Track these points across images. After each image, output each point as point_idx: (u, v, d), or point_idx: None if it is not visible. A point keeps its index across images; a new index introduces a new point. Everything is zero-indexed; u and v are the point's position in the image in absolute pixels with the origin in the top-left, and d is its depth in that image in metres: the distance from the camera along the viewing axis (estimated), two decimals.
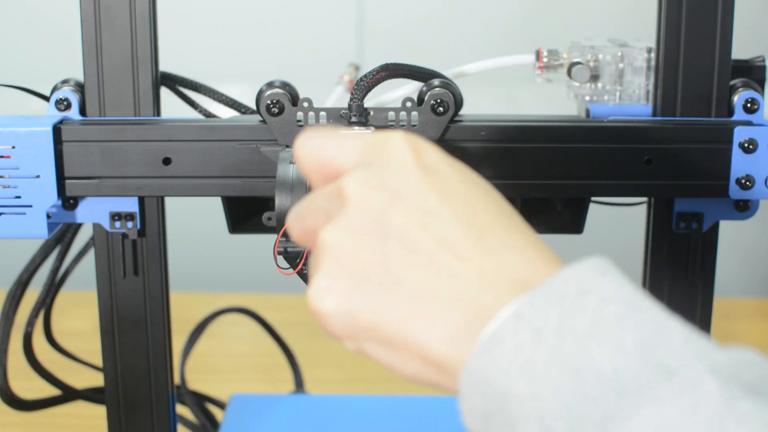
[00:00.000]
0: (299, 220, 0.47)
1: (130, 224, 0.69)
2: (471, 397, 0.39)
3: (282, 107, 0.65)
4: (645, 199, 0.71)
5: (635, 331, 0.37)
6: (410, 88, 0.73)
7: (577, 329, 0.38)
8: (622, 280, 0.40)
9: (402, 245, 0.41)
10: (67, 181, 0.66)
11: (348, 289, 0.42)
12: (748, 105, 0.67)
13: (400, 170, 0.43)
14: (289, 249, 0.59)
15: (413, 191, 0.42)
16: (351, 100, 0.64)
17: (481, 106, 0.76)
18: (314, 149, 0.46)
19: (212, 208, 0.76)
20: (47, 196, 0.65)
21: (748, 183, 0.65)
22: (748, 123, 0.66)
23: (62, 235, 0.74)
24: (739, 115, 0.67)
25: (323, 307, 0.42)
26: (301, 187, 0.58)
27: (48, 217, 0.66)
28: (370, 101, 0.67)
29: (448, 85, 0.65)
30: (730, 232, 0.82)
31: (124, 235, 0.70)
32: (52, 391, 0.79)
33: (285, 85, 0.66)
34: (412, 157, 0.43)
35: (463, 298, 0.40)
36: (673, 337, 0.37)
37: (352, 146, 0.45)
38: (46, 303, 0.76)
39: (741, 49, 0.69)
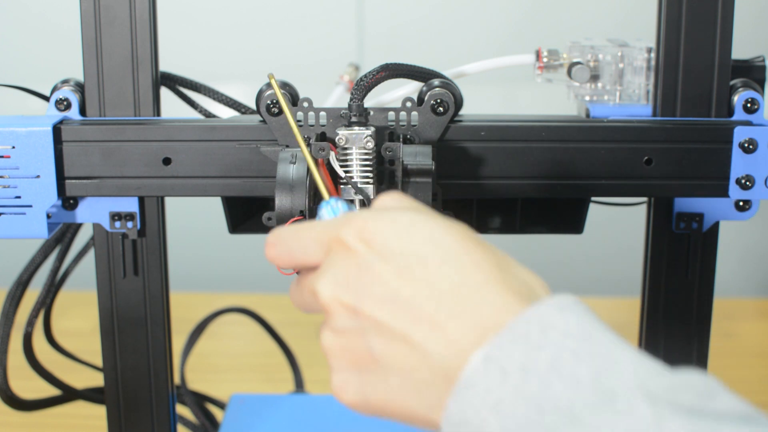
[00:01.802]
0: (296, 302, 0.54)
1: (130, 224, 0.69)
2: None
3: (282, 107, 0.65)
4: (645, 199, 0.71)
5: (590, 363, 0.41)
6: (410, 88, 0.73)
7: (539, 366, 0.42)
8: (582, 314, 0.44)
9: (379, 334, 0.47)
10: (67, 181, 0.66)
11: (356, 381, 0.48)
12: (748, 105, 0.67)
13: (358, 265, 0.48)
14: None
15: (373, 282, 0.47)
16: (351, 100, 0.63)
17: (481, 106, 0.76)
18: (282, 259, 0.52)
19: (212, 208, 0.76)
20: (47, 196, 0.65)
21: (748, 183, 0.65)
22: (748, 123, 0.66)
23: (62, 235, 0.74)
24: (739, 115, 0.67)
25: (345, 400, 0.49)
26: (301, 187, 0.58)
27: (48, 217, 0.66)
28: (370, 101, 0.67)
29: (448, 85, 0.65)
30: (730, 232, 0.82)
31: (124, 235, 0.70)
32: (52, 391, 0.79)
33: (285, 85, 0.66)
34: (365, 249, 0.48)
35: (438, 371, 0.45)
36: (624, 366, 0.41)
37: (312, 246, 0.51)
38: (46, 303, 0.76)
39: (741, 49, 0.69)
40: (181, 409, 0.85)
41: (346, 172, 0.61)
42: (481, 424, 0.42)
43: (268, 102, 0.65)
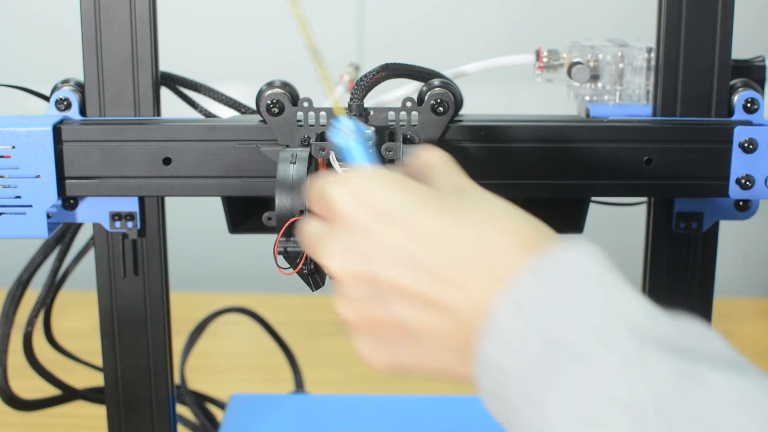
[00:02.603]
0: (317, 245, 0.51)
1: (130, 224, 0.69)
2: (482, 378, 0.44)
3: (282, 107, 0.65)
4: (645, 199, 0.71)
5: (595, 304, 0.42)
6: (410, 88, 0.73)
7: (552, 304, 0.42)
8: (596, 257, 0.45)
9: (399, 298, 0.46)
10: (67, 181, 0.66)
11: (385, 349, 0.48)
12: (748, 105, 0.67)
13: (364, 231, 0.47)
14: (289, 249, 0.59)
15: (383, 244, 0.46)
16: (351, 100, 0.63)
17: (481, 106, 0.76)
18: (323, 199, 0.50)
19: (212, 208, 0.76)
20: (47, 196, 0.65)
21: (748, 183, 0.65)
22: (748, 123, 0.66)
23: (62, 235, 0.74)
24: (739, 115, 0.67)
25: (376, 366, 0.48)
26: (301, 187, 0.58)
27: (48, 217, 0.66)
28: (370, 101, 0.67)
29: (448, 85, 0.65)
30: (730, 232, 0.82)
31: (124, 235, 0.70)
32: (52, 391, 0.79)
33: (285, 85, 0.66)
34: (366, 212, 0.47)
35: (464, 327, 0.45)
36: (625, 307, 0.42)
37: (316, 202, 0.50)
38: (46, 303, 0.76)
39: (741, 49, 0.69)
40: (181, 409, 0.85)
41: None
42: (505, 363, 0.43)
43: (268, 102, 0.65)
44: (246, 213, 0.70)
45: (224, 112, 0.73)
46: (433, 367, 0.47)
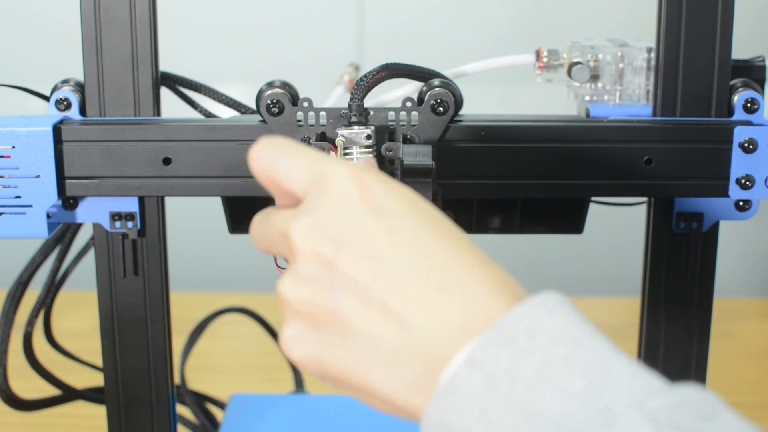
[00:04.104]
0: (257, 241, 0.49)
1: (130, 224, 0.69)
2: None
3: (282, 107, 0.65)
4: (645, 199, 0.71)
5: (582, 374, 0.38)
6: (410, 88, 0.73)
7: (527, 373, 0.39)
8: (571, 316, 0.41)
9: (351, 295, 0.42)
10: (67, 181, 0.66)
11: (312, 338, 0.43)
12: (748, 105, 0.67)
13: (346, 213, 0.43)
14: None
15: (359, 236, 0.43)
16: (351, 100, 0.64)
17: (481, 106, 0.76)
18: (265, 167, 0.47)
19: (212, 208, 0.76)
20: (47, 196, 0.65)
21: (748, 183, 0.65)
22: (748, 123, 0.66)
23: (62, 235, 0.74)
24: (739, 115, 0.67)
25: (294, 355, 0.44)
26: None
27: (48, 217, 0.66)
28: (370, 101, 0.67)
29: (448, 85, 0.65)
30: (730, 232, 0.82)
31: (124, 235, 0.70)
32: (52, 391, 0.79)
33: (285, 85, 0.66)
34: (358, 196, 0.44)
35: (416, 346, 0.41)
36: (619, 379, 0.38)
37: (299, 173, 0.46)
38: (46, 303, 0.76)
39: (741, 49, 0.69)
40: (181, 409, 0.85)
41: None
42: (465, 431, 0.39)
43: (268, 102, 0.65)
44: (246, 213, 0.70)
45: (224, 112, 0.73)
46: (360, 379, 0.42)
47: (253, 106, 0.67)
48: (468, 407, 0.39)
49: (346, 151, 0.62)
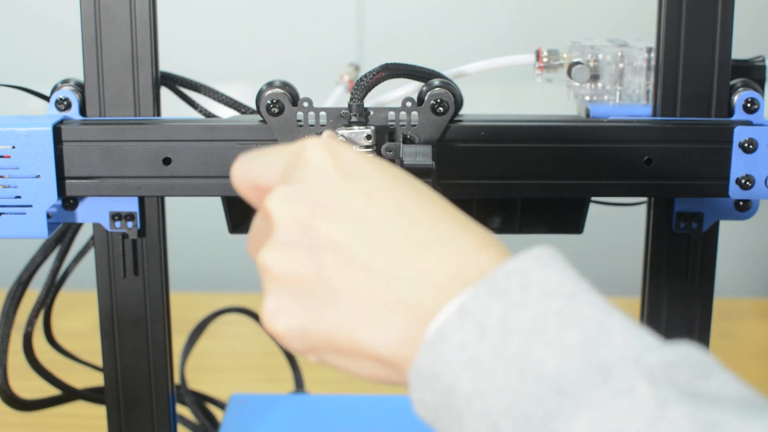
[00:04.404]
0: (250, 242, 0.48)
1: (130, 224, 0.69)
2: (421, 391, 0.40)
3: (282, 107, 0.65)
4: (645, 199, 0.71)
5: (577, 328, 0.38)
6: (410, 88, 0.73)
7: (521, 325, 0.38)
8: (566, 271, 0.40)
9: (334, 255, 0.42)
10: (67, 181, 0.66)
11: (294, 307, 0.42)
12: (748, 105, 0.67)
13: (320, 179, 0.43)
14: None
15: (336, 198, 0.42)
16: (351, 100, 0.64)
17: (481, 106, 0.76)
18: (243, 173, 0.47)
19: (212, 208, 0.76)
20: (47, 196, 0.65)
21: (748, 183, 0.65)
22: (748, 123, 0.66)
23: (62, 235, 0.74)
24: (739, 115, 0.67)
25: (277, 327, 0.43)
26: None
27: (48, 217, 0.66)
28: (370, 101, 0.67)
29: (448, 85, 0.65)
30: (730, 232, 0.82)
31: (124, 235, 0.70)
32: (52, 391, 0.79)
33: (285, 85, 0.66)
34: (330, 163, 0.43)
35: (404, 299, 0.41)
36: (614, 334, 0.38)
37: (274, 161, 0.46)
38: (46, 303, 0.76)
39: (741, 49, 0.69)
40: (181, 409, 0.85)
41: None
42: (453, 382, 0.38)
43: (268, 102, 0.65)
44: (246, 213, 0.70)
45: (224, 112, 0.73)
46: (347, 339, 0.41)
47: (253, 106, 0.67)
48: (456, 356, 0.39)
49: None
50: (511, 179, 0.66)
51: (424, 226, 0.42)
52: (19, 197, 0.65)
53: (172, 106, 0.75)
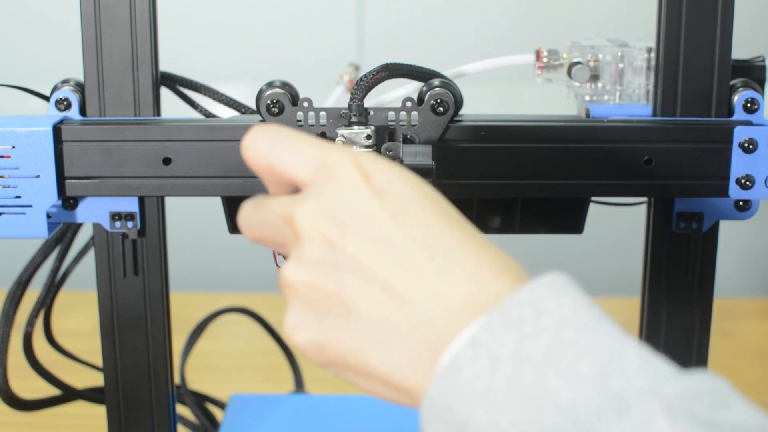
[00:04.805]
0: (251, 228, 0.48)
1: (130, 224, 0.69)
2: (433, 423, 0.40)
3: (282, 107, 0.65)
4: (645, 199, 0.71)
5: (591, 358, 0.38)
6: (410, 88, 0.73)
7: (534, 356, 0.38)
8: (578, 298, 0.40)
9: (356, 276, 0.42)
10: (67, 181, 0.66)
11: (314, 323, 0.43)
12: (748, 105, 0.67)
13: (350, 197, 0.43)
14: None
15: (363, 219, 0.43)
16: (351, 100, 0.64)
17: (481, 106, 0.76)
18: (264, 150, 0.46)
19: (212, 208, 0.76)
20: (47, 196, 0.65)
21: (748, 183, 0.65)
22: (748, 123, 0.66)
23: (62, 235, 0.74)
24: (739, 115, 0.67)
25: (297, 341, 0.44)
26: None
27: (48, 217, 0.66)
28: (370, 101, 0.67)
29: (448, 85, 0.65)
30: (730, 232, 0.82)
31: (124, 235, 0.70)
32: (52, 391, 0.79)
33: (285, 85, 0.66)
34: (362, 181, 0.44)
35: (417, 324, 0.41)
36: (629, 364, 0.38)
37: (304, 159, 0.45)
38: (46, 303, 0.76)
39: (741, 49, 0.69)
40: (181, 409, 0.85)
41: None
42: (467, 415, 0.38)
43: (268, 102, 0.65)
44: None
45: (224, 112, 0.73)
46: (361, 361, 0.42)
47: (253, 106, 0.67)
48: (470, 389, 0.38)
49: None
50: (511, 179, 0.66)
51: (445, 251, 0.42)
52: (19, 197, 0.65)
53: (172, 106, 0.75)
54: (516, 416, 0.37)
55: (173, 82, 0.73)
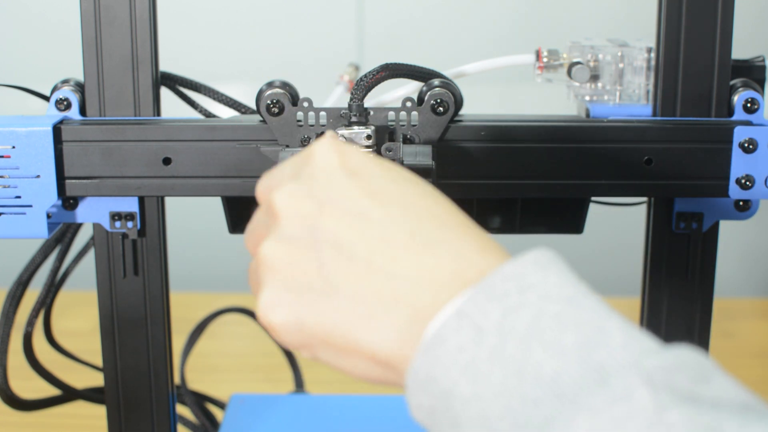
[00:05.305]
0: (249, 236, 0.48)
1: (130, 224, 0.69)
2: (417, 395, 0.40)
3: (282, 107, 0.65)
4: (645, 199, 0.71)
5: (575, 331, 0.38)
6: (410, 88, 0.73)
7: (518, 328, 0.38)
8: (564, 273, 0.40)
9: (336, 251, 0.42)
10: (67, 181, 0.66)
11: (293, 300, 0.43)
12: (748, 105, 0.67)
13: (327, 177, 0.43)
14: None
15: (342, 196, 0.43)
16: (351, 100, 0.64)
17: (481, 106, 0.76)
18: (264, 185, 0.47)
19: (212, 208, 0.76)
20: (47, 196, 0.65)
21: (748, 183, 0.65)
22: (748, 123, 0.66)
23: (62, 235, 0.74)
24: (739, 115, 0.67)
25: (273, 320, 0.43)
26: None
27: (48, 217, 0.66)
28: (370, 101, 0.67)
29: (448, 85, 0.65)
30: (730, 232, 0.82)
31: (124, 235, 0.70)
32: (52, 391, 0.79)
33: (285, 85, 0.66)
34: (338, 162, 0.44)
35: (404, 297, 0.41)
36: (613, 338, 0.38)
37: (287, 165, 0.46)
38: (46, 303, 0.76)
39: (741, 49, 0.69)
40: (181, 409, 0.85)
41: None
42: (450, 385, 0.38)
43: (268, 102, 0.65)
44: (246, 213, 0.70)
45: (224, 112, 0.73)
46: (344, 336, 0.41)
47: (253, 106, 0.67)
48: (454, 360, 0.38)
49: None
50: (511, 179, 0.66)
51: (426, 227, 0.42)
52: (19, 197, 0.65)
53: (172, 106, 0.75)
54: (499, 387, 0.37)
55: (173, 82, 0.73)
